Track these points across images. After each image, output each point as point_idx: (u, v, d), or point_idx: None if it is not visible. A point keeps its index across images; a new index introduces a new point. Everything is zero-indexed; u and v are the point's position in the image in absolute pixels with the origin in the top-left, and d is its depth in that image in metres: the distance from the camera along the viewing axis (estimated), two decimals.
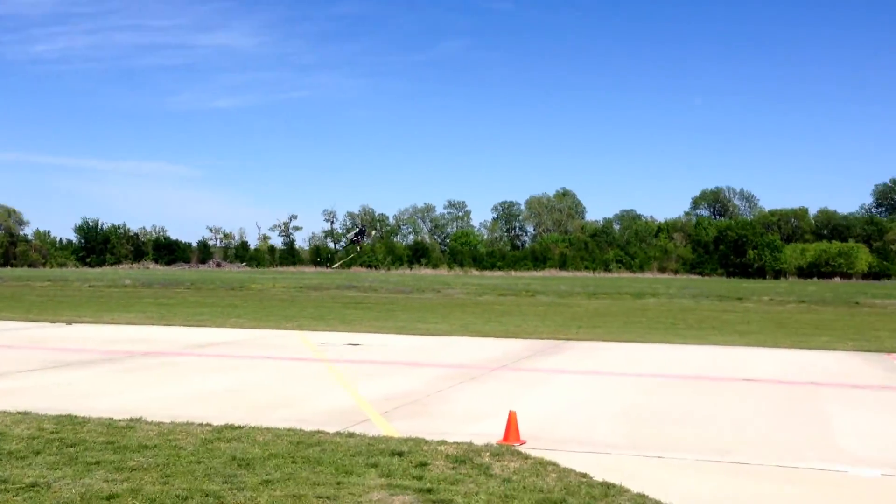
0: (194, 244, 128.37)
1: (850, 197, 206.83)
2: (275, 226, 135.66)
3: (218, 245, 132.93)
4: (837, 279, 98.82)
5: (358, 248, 19.90)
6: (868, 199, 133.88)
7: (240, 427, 8.60)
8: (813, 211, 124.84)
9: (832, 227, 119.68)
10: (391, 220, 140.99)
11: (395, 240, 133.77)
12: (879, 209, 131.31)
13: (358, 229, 19.47)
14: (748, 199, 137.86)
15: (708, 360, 15.99)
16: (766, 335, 21.21)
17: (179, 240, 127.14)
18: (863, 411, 10.63)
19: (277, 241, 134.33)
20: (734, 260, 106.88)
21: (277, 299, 37.48)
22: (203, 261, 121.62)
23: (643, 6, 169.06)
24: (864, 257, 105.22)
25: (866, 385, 12.91)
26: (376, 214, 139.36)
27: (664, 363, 15.42)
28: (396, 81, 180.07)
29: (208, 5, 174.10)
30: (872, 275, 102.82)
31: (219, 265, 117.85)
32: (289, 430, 8.50)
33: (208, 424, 8.72)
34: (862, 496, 6.72)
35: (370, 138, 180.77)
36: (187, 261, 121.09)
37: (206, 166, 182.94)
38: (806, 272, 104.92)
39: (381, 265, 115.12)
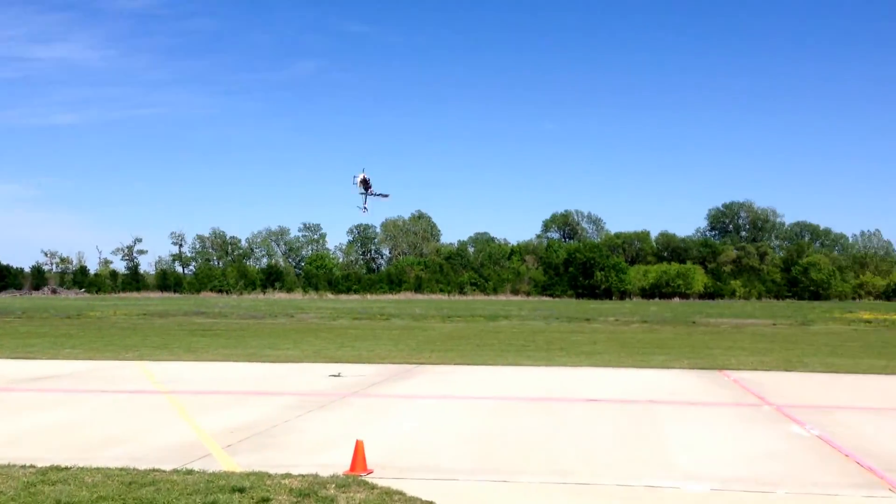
0: (27, 269, 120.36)
1: (687, 220, 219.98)
2: (118, 249, 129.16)
3: (54, 270, 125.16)
4: (677, 299, 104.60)
5: (370, 189, 18.78)
6: (703, 223, 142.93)
7: (67, 468, 8.03)
8: (654, 234, 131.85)
9: (671, 249, 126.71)
10: (243, 244, 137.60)
11: (247, 263, 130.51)
12: (713, 232, 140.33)
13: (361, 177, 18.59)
14: (595, 222, 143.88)
15: (555, 381, 16.40)
16: (610, 355, 22.03)
17: (10, 265, 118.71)
18: (695, 427, 11.17)
19: (120, 266, 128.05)
20: (583, 282, 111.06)
21: (118, 328, 35.58)
22: (37, 287, 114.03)
23: (495, 31, 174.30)
24: (700, 278, 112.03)
25: (699, 402, 13.61)
26: (228, 237, 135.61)
27: (514, 386, 15.70)
28: (249, 100, 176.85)
29: (47, 16, 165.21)
30: (708, 294, 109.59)
31: (54, 292, 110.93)
32: (121, 469, 8.01)
33: (32, 466, 8.10)
34: None
35: (221, 158, 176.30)
36: (19, 287, 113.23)
37: (42, 186, 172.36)
38: (648, 293, 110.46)
39: (233, 290, 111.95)
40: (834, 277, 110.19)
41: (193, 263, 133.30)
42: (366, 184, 18.70)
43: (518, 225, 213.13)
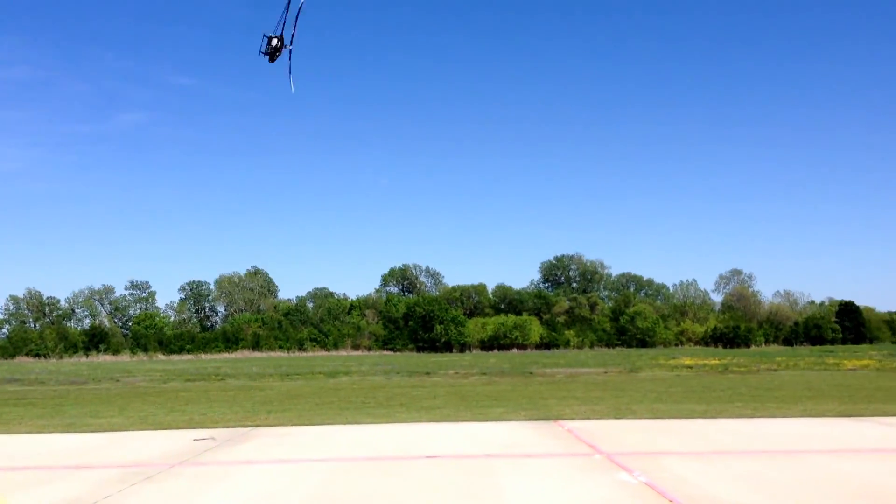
0: None
1: (521, 273, 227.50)
2: None
3: None
4: (515, 350, 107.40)
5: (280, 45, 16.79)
6: (537, 275, 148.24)
7: None
8: (491, 286, 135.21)
9: (508, 301, 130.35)
10: (63, 304, 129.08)
11: (68, 325, 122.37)
12: (546, 284, 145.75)
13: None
14: (433, 275, 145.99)
15: (395, 439, 16.23)
16: (450, 409, 22.12)
17: None
18: (531, 480, 11.33)
19: None
20: (423, 335, 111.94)
21: None
22: None
23: (325, 84, 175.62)
24: (536, 329, 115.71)
25: (535, 454, 13.85)
26: (45, 298, 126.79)
27: (353, 445, 15.39)
28: (67, 153, 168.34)
29: None
30: (544, 345, 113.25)
31: None
32: None
33: None
34: None
35: (36, 214, 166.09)
36: None
37: None
38: (487, 344, 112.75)
39: (52, 354, 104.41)
40: (658, 325, 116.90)
41: (6, 326, 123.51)
42: (273, 56, 17.50)
43: (357, 279, 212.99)
